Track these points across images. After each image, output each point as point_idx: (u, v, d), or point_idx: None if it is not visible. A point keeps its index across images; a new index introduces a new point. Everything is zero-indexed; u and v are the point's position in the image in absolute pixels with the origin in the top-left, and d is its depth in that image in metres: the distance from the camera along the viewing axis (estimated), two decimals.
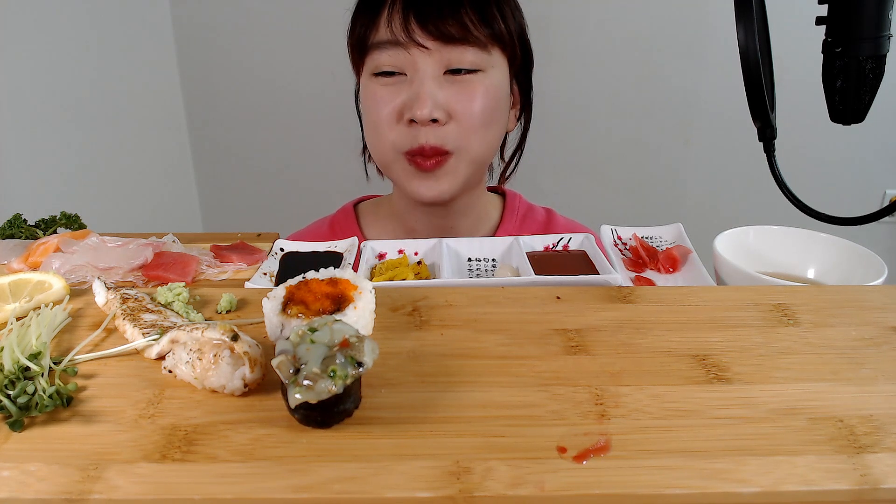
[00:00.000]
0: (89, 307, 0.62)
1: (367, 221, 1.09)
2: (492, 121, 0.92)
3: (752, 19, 0.69)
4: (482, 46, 0.88)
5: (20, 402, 0.46)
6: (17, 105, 1.47)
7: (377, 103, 0.90)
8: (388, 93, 0.89)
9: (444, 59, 0.87)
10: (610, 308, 0.61)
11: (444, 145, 0.89)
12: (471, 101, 0.88)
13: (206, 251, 0.75)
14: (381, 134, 0.91)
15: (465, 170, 0.93)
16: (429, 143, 0.88)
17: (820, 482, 0.41)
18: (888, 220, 2.03)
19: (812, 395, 0.49)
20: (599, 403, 0.48)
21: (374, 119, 0.92)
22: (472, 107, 0.88)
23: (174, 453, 0.43)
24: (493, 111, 0.91)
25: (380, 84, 0.90)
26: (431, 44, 0.86)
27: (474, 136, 0.90)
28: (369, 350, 0.46)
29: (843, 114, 0.73)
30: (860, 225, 0.74)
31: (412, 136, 0.89)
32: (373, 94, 0.91)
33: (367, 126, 0.96)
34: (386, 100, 0.89)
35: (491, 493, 0.40)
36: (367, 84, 0.92)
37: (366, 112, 0.94)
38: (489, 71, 0.90)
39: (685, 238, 0.77)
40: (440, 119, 0.87)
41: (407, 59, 0.87)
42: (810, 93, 0.91)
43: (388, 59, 0.88)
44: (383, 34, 0.87)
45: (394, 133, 0.90)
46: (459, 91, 0.88)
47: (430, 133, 0.88)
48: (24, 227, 0.80)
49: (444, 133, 0.88)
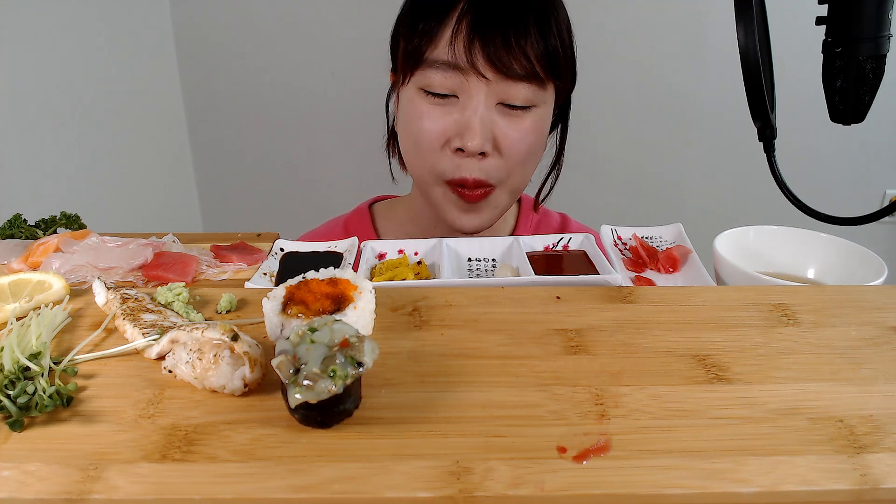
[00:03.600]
0: (89, 307, 0.62)
1: (384, 223, 1.08)
2: (534, 154, 0.91)
3: (752, 19, 0.69)
4: (539, 83, 0.85)
5: (20, 402, 0.46)
6: (17, 105, 1.47)
7: (423, 121, 0.87)
8: (437, 112, 0.86)
9: (501, 92, 0.84)
10: (610, 308, 0.61)
11: (487, 179, 0.87)
12: (520, 137, 0.86)
13: (206, 251, 0.75)
14: (424, 156, 0.89)
15: (505, 201, 0.93)
16: (472, 176, 0.86)
17: (820, 482, 0.41)
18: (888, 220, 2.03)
19: (812, 395, 0.49)
20: (599, 403, 0.48)
21: (416, 137, 0.88)
22: (521, 143, 0.87)
23: (174, 453, 0.43)
24: (537, 146, 0.90)
25: (428, 102, 0.86)
26: (492, 75, 0.82)
27: (518, 170, 0.89)
28: (369, 350, 0.46)
29: (843, 114, 0.73)
30: (860, 225, 0.74)
31: (456, 165, 0.87)
32: (419, 110, 0.87)
33: (406, 140, 0.92)
34: (433, 120, 0.86)
35: (491, 493, 0.40)
36: (414, 98, 0.88)
37: (408, 126, 0.90)
38: (541, 106, 0.88)
39: (685, 238, 0.77)
40: (488, 152, 0.85)
41: (462, 83, 0.84)
42: (810, 93, 0.92)
43: (442, 79, 0.84)
44: (443, 54, 0.83)
45: (436, 157, 0.88)
46: (510, 125, 0.86)
47: (475, 166, 0.86)
48: (24, 227, 0.80)
49: (489, 167, 0.87)
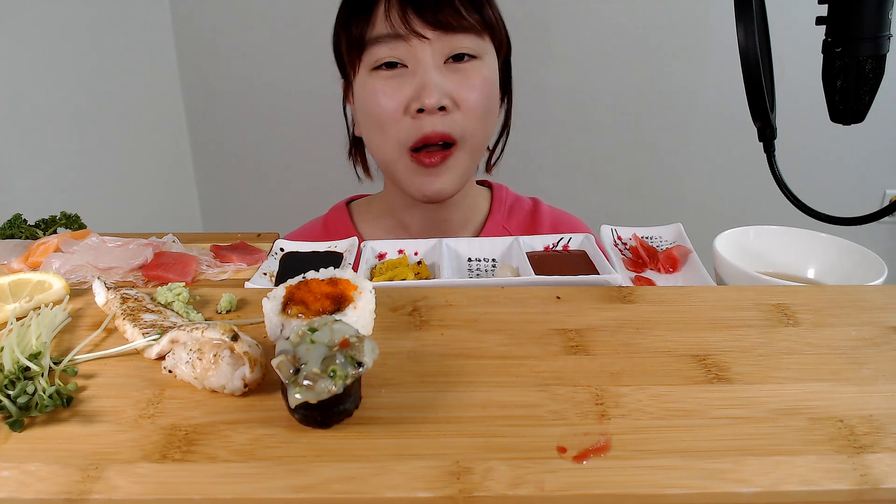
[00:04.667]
0: (89, 307, 0.62)
1: (361, 219, 1.10)
2: (491, 109, 0.94)
3: (752, 19, 0.69)
4: (477, 33, 0.90)
5: (20, 402, 0.46)
6: (17, 105, 1.47)
7: (379, 98, 0.90)
8: (390, 86, 0.89)
9: (445, 48, 0.88)
10: (610, 308, 0.61)
11: (451, 132, 0.90)
12: (473, 89, 0.90)
13: (206, 251, 0.75)
14: (386, 129, 0.91)
15: (465, 162, 0.95)
16: (436, 129, 0.89)
17: (820, 482, 0.41)
18: (888, 220, 2.03)
19: (812, 395, 0.49)
20: (599, 403, 0.48)
21: (376, 114, 0.91)
22: (475, 94, 0.90)
23: (174, 453, 0.43)
24: (492, 99, 0.93)
25: (381, 78, 0.90)
26: (431, 33, 0.87)
27: (478, 124, 0.92)
28: (369, 350, 0.46)
29: (843, 114, 0.73)
30: (860, 225, 0.74)
31: (418, 126, 0.89)
32: (374, 89, 0.90)
33: (367, 124, 0.95)
34: (389, 93, 0.89)
35: (491, 493, 0.40)
36: (367, 81, 0.91)
37: (366, 109, 0.93)
38: (485, 58, 0.91)
39: (685, 238, 0.77)
40: (447, 107, 0.88)
41: (408, 50, 0.88)
42: (810, 93, 0.92)
43: (388, 52, 0.88)
44: (381, 28, 0.88)
45: (398, 127, 0.90)
46: (461, 79, 0.89)
47: (438, 121, 0.89)
48: (24, 227, 0.80)
49: (451, 121, 0.89)
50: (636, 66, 1.96)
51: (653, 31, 1.92)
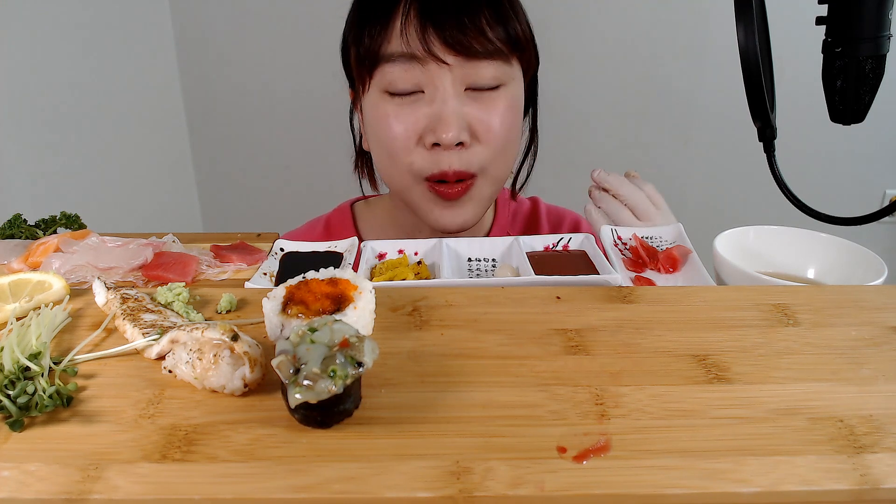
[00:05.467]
0: (89, 307, 0.62)
1: (364, 221, 1.07)
2: (514, 137, 0.88)
3: (752, 19, 0.69)
4: (504, 58, 0.82)
5: (20, 402, 0.46)
6: (17, 105, 1.47)
7: (391, 123, 0.83)
8: (404, 113, 0.82)
9: (466, 76, 0.81)
10: (610, 308, 0.61)
11: (468, 169, 0.84)
12: (495, 120, 0.83)
13: (206, 251, 0.75)
14: (398, 158, 0.85)
15: (488, 193, 0.89)
16: (453, 168, 0.83)
17: (820, 482, 0.41)
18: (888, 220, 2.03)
19: (812, 395, 0.49)
20: (599, 403, 0.48)
21: (387, 141, 0.84)
22: (497, 126, 0.83)
23: (174, 453, 0.43)
24: (515, 128, 0.87)
25: (393, 104, 0.83)
26: (452, 59, 0.79)
27: (499, 157, 0.86)
28: (369, 350, 0.46)
29: (843, 114, 0.73)
30: (860, 225, 0.74)
31: (434, 160, 0.83)
32: (385, 113, 0.83)
33: (377, 148, 0.89)
34: (402, 120, 0.82)
35: (491, 493, 0.40)
36: (378, 103, 0.84)
37: (377, 133, 0.87)
38: (510, 84, 0.85)
39: (685, 238, 0.77)
40: (465, 142, 0.82)
41: (424, 75, 0.81)
42: (810, 93, 0.92)
43: (402, 74, 0.81)
44: (397, 46, 0.80)
45: (412, 157, 0.84)
46: (482, 109, 0.82)
47: (455, 157, 0.82)
48: (24, 227, 0.80)
49: (469, 156, 0.83)
50: (636, 66, 1.96)
51: (653, 31, 1.92)
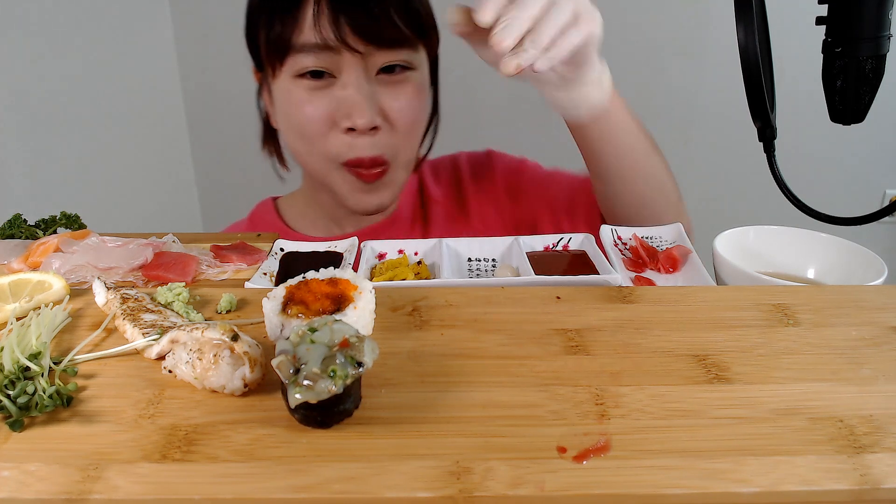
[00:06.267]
0: (89, 307, 0.62)
1: (290, 215, 1.08)
2: (422, 119, 0.92)
3: (752, 19, 0.70)
4: (413, 45, 0.86)
5: (20, 402, 0.46)
6: (17, 105, 1.47)
7: (304, 109, 0.86)
8: (317, 97, 0.85)
9: (378, 61, 0.84)
10: (610, 308, 0.61)
11: (383, 154, 0.87)
12: (406, 103, 0.87)
13: (206, 251, 0.75)
14: (313, 142, 0.88)
15: (402, 177, 0.94)
16: (368, 154, 0.86)
17: (820, 482, 0.41)
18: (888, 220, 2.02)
19: (812, 395, 0.49)
20: (599, 403, 0.48)
21: (301, 126, 0.87)
22: (407, 109, 0.87)
23: (174, 453, 0.43)
24: (423, 110, 0.91)
25: (306, 88, 0.85)
26: (364, 47, 0.82)
27: (408, 141, 0.90)
28: (369, 350, 0.46)
29: (843, 114, 0.74)
30: (860, 225, 0.74)
31: (348, 145, 0.86)
32: (298, 98, 0.86)
33: (291, 132, 0.92)
34: (315, 104, 0.85)
35: (491, 493, 0.40)
36: (290, 87, 0.86)
37: (289, 118, 0.89)
38: (418, 70, 0.89)
39: (685, 238, 0.77)
40: (378, 125, 0.85)
41: (337, 62, 0.83)
42: (810, 93, 0.92)
43: (315, 61, 0.83)
44: (309, 36, 0.82)
45: (326, 141, 0.86)
46: (394, 95, 0.86)
47: (368, 142, 0.86)
48: (24, 227, 0.80)
49: (382, 141, 0.87)
50: (636, 66, 1.96)
51: (653, 31, 1.92)
